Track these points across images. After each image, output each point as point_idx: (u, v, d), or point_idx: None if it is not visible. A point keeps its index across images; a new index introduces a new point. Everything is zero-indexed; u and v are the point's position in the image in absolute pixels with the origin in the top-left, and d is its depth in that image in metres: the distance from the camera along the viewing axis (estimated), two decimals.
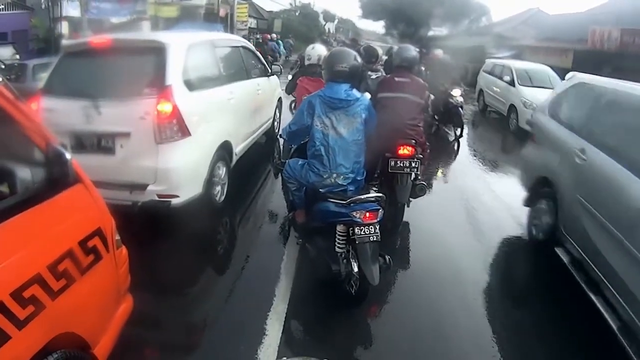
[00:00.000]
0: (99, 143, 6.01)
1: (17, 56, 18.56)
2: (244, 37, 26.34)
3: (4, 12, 26.96)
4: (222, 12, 39.60)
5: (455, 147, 13.96)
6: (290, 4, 73.33)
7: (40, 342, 2.57)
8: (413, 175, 6.93)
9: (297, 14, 71.82)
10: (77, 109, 5.88)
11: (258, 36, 41.62)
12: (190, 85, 6.38)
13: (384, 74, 8.74)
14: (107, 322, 3.47)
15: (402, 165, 6.70)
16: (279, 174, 8.51)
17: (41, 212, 2.74)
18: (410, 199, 7.06)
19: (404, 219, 7.10)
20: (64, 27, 23.72)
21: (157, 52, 6.17)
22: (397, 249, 6.66)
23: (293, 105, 9.44)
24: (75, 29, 23.02)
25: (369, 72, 8.38)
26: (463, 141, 14.36)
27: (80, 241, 3.01)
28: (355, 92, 5.25)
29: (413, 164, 6.73)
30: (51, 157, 2.82)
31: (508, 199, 8.72)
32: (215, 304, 5.20)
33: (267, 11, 67.32)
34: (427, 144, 7.34)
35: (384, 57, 11.41)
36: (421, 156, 6.96)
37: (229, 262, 6.25)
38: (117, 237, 3.56)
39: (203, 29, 15.59)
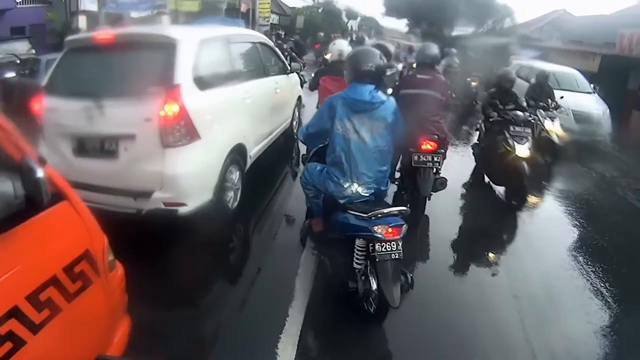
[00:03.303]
0: (102, 146, 5.66)
1: (33, 51, 18.34)
2: (265, 32, 26.13)
3: (22, 5, 26.84)
4: (243, 8, 39.45)
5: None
6: (313, 0, 73.06)
7: None
8: (434, 169, 7.16)
9: (319, 10, 71.40)
10: (80, 109, 5.53)
11: (280, 32, 41.20)
12: (201, 84, 5.96)
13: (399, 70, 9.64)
14: (100, 352, 3.08)
15: (425, 159, 7.01)
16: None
17: (15, 239, 2.40)
18: (431, 192, 7.21)
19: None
20: (81, 22, 23.50)
21: (166, 48, 5.75)
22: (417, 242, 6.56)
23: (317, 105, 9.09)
24: (95, 23, 22.80)
25: None
26: None
27: (65, 267, 2.67)
28: (381, 95, 4.80)
29: (435, 159, 7.05)
30: (24, 173, 2.44)
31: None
32: (224, 322, 4.85)
33: (290, 7, 67.05)
34: (448, 140, 7.59)
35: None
36: (442, 151, 7.20)
37: (240, 275, 5.82)
38: (111, 257, 3.19)
39: (224, 23, 15.23)
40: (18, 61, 15.16)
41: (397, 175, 7.74)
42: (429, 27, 48.17)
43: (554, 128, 11.88)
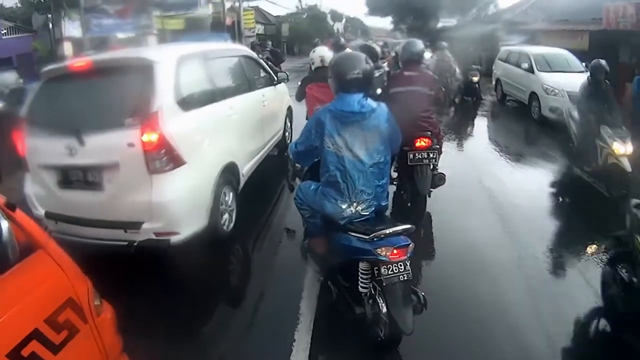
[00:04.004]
0: (86, 177, 5.50)
1: (21, 80, 18.33)
2: (252, 43, 26.12)
3: (7, 36, 26.84)
4: (228, 21, 39.56)
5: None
6: (297, 7, 73.29)
7: None
8: (431, 166, 7.17)
9: (304, 16, 71.60)
10: (60, 140, 5.38)
11: (255, 40, 41.07)
12: (184, 105, 5.77)
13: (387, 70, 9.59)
14: None
15: (420, 157, 6.99)
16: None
17: None
18: (431, 189, 7.22)
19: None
20: (66, 48, 23.47)
21: (143, 71, 5.53)
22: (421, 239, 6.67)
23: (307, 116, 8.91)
24: (80, 48, 22.74)
25: None
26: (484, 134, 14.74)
27: (48, 318, 2.57)
28: (371, 102, 4.47)
29: (431, 155, 7.02)
30: None
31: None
32: (229, 350, 4.66)
33: (274, 16, 67.23)
34: (442, 134, 7.64)
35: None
36: (438, 146, 7.22)
37: (242, 300, 5.62)
38: (97, 301, 3.03)
39: (209, 39, 15.09)
40: (7, 91, 15.20)
41: (395, 175, 7.59)
42: (414, 22, 48.23)
43: (625, 151, 8.42)
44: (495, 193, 8.74)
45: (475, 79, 19.06)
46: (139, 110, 5.31)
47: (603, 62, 9.15)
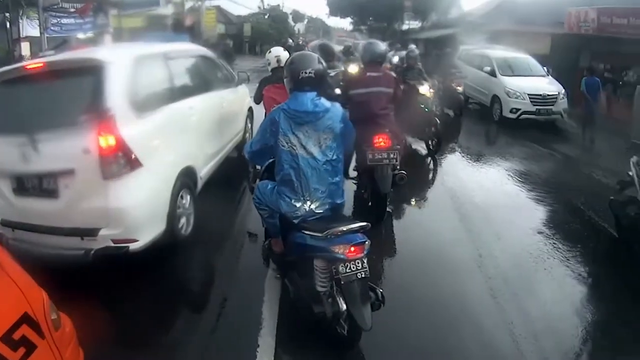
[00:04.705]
0: (41, 185, 5.32)
1: None
2: (213, 44, 25.96)
3: None
4: (188, 21, 39.04)
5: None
6: (259, 7, 73.10)
7: None
8: (392, 166, 7.04)
9: (266, 16, 71.51)
10: (14, 146, 5.20)
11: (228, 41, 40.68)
12: (139, 107, 5.62)
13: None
14: None
15: (380, 157, 6.89)
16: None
17: None
18: (391, 188, 7.13)
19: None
20: (24, 49, 22.90)
21: (96, 72, 5.36)
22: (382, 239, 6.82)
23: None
24: (39, 48, 22.31)
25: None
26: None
27: (3, 336, 2.45)
28: (324, 102, 4.58)
29: (392, 155, 6.92)
30: None
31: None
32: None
33: (236, 15, 66.97)
34: (401, 133, 7.58)
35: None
36: (398, 147, 7.10)
37: (204, 307, 5.49)
38: (54, 315, 2.93)
39: (167, 40, 14.95)
40: None
41: (354, 174, 7.67)
42: (375, 23, 48.46)
43: None
44: (457, 193, 8.84)
45: (460, 88, 16.22)
46: (94, 113, 5.16)
47: None
